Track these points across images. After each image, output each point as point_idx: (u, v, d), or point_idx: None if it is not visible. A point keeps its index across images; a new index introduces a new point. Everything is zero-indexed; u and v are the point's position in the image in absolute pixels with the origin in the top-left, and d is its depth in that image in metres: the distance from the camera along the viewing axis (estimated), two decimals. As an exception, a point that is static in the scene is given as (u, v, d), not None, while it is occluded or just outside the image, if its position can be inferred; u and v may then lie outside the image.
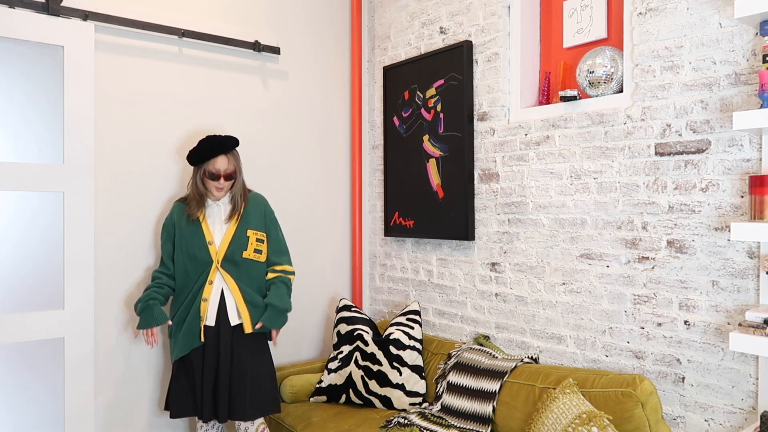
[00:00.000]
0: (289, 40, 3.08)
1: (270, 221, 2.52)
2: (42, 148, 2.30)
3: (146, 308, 2.32)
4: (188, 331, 2.32)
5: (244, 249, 2.39)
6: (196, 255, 2.36)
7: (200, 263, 2.37)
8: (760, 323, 1.65)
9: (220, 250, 2.38)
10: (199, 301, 2.34)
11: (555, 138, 2.37)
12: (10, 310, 2.23)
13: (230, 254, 2.37)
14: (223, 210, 2.44)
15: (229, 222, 2.42)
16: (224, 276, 2.36)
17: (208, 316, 2.35)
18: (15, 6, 2.22)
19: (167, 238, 2.45)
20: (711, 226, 1.91)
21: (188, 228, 2.39)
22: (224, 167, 2.36)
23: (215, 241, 2.39)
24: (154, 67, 2.62)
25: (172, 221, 2.45)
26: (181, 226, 2.41)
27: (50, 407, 2.31)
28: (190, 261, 2.38)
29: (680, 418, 1.98)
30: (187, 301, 2.36)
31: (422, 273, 3.01)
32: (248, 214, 2.46)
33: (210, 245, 2.37)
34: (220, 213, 2.43)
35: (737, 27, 1.84)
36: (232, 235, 2.40)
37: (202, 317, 2.33)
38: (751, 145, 1.82)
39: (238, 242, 2.39)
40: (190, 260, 2.38)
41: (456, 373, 2.45)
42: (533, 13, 2.59)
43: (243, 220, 2.43)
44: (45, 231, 2.31)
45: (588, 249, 2.26)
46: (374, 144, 3.35)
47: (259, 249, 2.44)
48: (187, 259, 2.38)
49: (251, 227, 2.44)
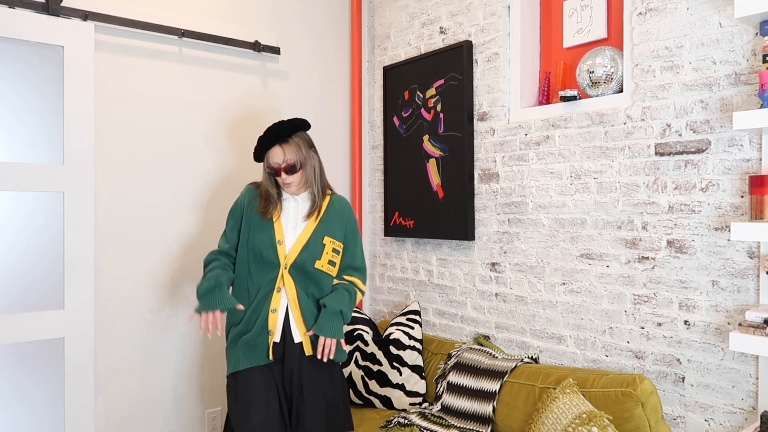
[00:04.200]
0: (289, 40, 3.08)
1: (351, 231, 2.16)
2: (42, 149, 2.30)
3: (211, 289, 1.96)
4: (253, 346, 1.99)
5: (317, 258, 2.03)
6: (262, 253, 2.02)
7: (266, 264, 2.03)
8: (760, 323, 1.65)
9: (291, 253, 2.03)
10: (267, 312, 1.99)
11: (555, 138, 2.37)
12: (10, 310, 2.23)
13: (301, 261, 2.02)
14: (302, 206, 2.11)
15: (307, 221, 2.08)
16: (288, 284, 2.02)
17: (277, 330, 2.01)
18: (15, 6, 2.22)
19: (234, 226, 2.13)
20: (711, 226, 1.91)
21: (258, 222, 2.07)
22: (281, 159, 2.02)
23: (285, 241, 2.05)
24: (154, 67, 2.62)
25: (241, 206, 2.13)
26: (251, 219, 2.09)
27: (50, 407, 2.31)
28: (254, 259, 2.04)
29: (680, 418, 1.98)
30: (251, 310, 2.02)
31: (422, 273, 3.01)
32: (329, 217, 2.11)
33: (279, 245, 2.03)
34: (297, 209, 2.10)
35: (737, 27, 1.84)
36: (308, 239, 2.04)
37: (271, 332, 1.99)
38: (751, 145, 1.82)
39: (313, 249, 2.04)
40: (254, 258, 2.04)
41: (456, 373, 2.45)
42: (533, 13, 2.59)
43: (322, 224, 2.08)
44: (45, 231, 2.31)
45: (588, 249, 2.26)
46: (374, 144, 3.35)
47: (333, 261, 2.08)
48: (251, 255, 2.04)
49: (329, 234, 2.08)
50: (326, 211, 2.11)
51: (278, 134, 2.03)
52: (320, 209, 2.10)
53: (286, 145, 2.04)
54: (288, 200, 2.11)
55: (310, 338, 2.02)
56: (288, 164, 2.03)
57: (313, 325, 2.01)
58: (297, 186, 2.07)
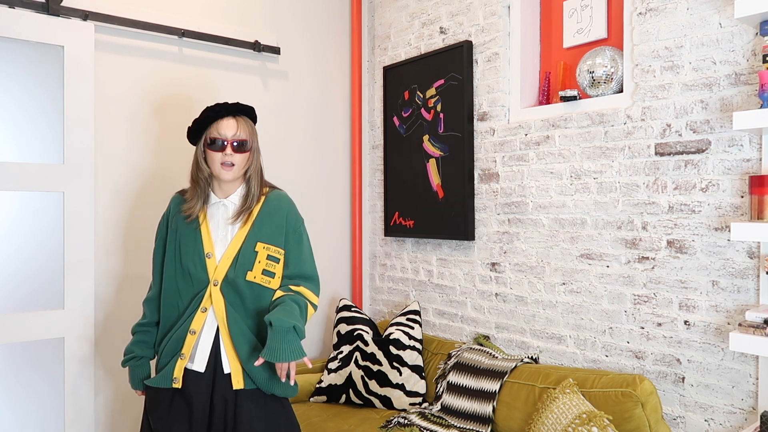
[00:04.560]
0: (289, 40, 3.08)
1: (292, 232, 1.83)
2: (42, 149, 2.30)
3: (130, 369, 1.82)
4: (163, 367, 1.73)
5: (248, 269, 1.73)
6: (190, 270, 1.74)
7: (194, 282, 1.74)
8: (760, 323, 1.65)
9: (221, 266, 1.73)
10: (185, 333, 1.71)
11: (555, 138, 2.37)
12: (10, 310, 2.23)
13: (231, 275, 1.72)
14: (230, 208, 1.80)
15: (236, 224, 1.78)
16: (216, 302, 1.72)
17: (196, 356, 1.70)
18: (15, 6, 2.22)
19: (159, 245, 1.85)
20: (711, 226, 1.91)
21: (184, 230, 1.78)
22: (232, 131, 1.74)
23: (215, 252, 1.76)
24: (154, 67, 2.62)
25: (166, 220, 1.86)
26: (177, 227, 1.79)
27: (50, 407, 2.31)
28: (182, 277, 1.75)
29: (680, 418, 1.98)
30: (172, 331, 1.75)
31: (422, 273, 3.01)
32: (262, 219, 1.79)
33: (208, 258, 1.74)
34: (227, 212, 1.80)
35: (737, 27, 1.84)
36: (239, 248, 1.75)
37: (182, 354, 1.70)
38: (751, 145, 1.82)
39: (244, 259, 1.73)
40: (183, 276, 1.75)
41: (456, 373, 2.45)
42: (533, 13, 2.59)
43: (255, 227, 1.77)
44: (45, 231, 2.31)
45: (588, 249, 2.26)
46: (374, 144, 3.35)
47: (270, 270, 1.76)
48: (180, 273, 1.76)
49: (263, 238, 1.77)
50: (260, 212, 1.80)
51: (233, 108, 1.77)
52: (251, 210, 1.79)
53: (240, 119, 1.77)
54: (216, 205, 1.81)
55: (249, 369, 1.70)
56: (239, 139, 1.74)
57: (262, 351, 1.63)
58: (239, 170, 1.76)
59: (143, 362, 1.83)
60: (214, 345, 1.72)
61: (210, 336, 1.72)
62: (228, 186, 1.81)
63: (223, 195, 1.81)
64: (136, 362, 1.82)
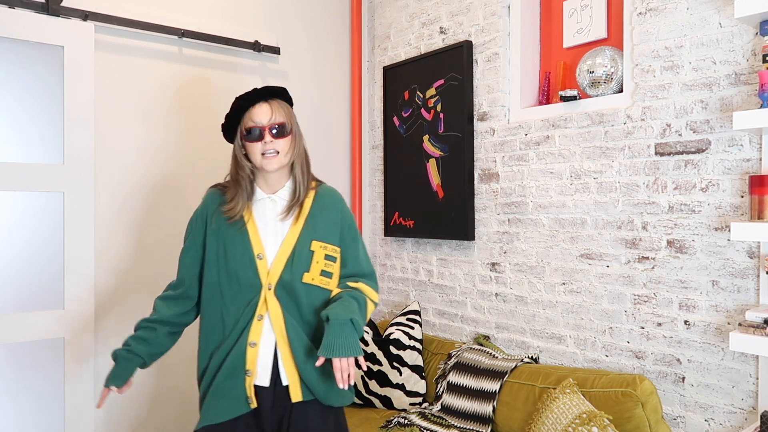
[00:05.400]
0: (288, 41, 3.08)
1: (348, 229, 1.69)
2: (42, 149, 2.30)
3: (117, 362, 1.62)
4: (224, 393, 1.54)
5: (305, 270, 1.58)
6: (239, 274, 1.56)
7: (244, 287, 1.57)
8: (760, 323, 1.65)
9: (274, 269, 1.57)
10: (244, 347, 1.54)
11: (555, 138, 2.37)
12: (10, 310, 2.23)
13: (287, 278, 1.56)
14: (279, 206, 1.63)
15: (287, 220, 1.62)
16: (272, 309, 1.56)
17: (259, 370, 1.55)
18: (15, 6, 2.22)
19: (191, 244, 1.66)
20: (711, 226, 1.91)
21: (227, 231, 1.60)
22: (267, 117, 1.57)
23: (266, 253, 1.59)
24: (154, 68, 2.62)
25: (203, 218, 1.65)
26: (219, 228, 1.61)
27: (50, 407, 2.30)
28: (229, 283, 1.58)
29: (680, 418, 1.98)
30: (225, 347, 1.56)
31: (422, 273, 3.01)
32: (314, 215, 1.64)
33: (259, 260, 1.57)
34: (275, 209, 1.63)
35: (737, 27, 1.84)
36: (293, 247, 1.59)
37: (249, 371, 1.53)
38: (751, 145, 1.82)
39: (300, 259, 1.58)
40: (229, 282, 1.58)
41: (456, 373, 2.45)
42: (533, 13, 2.59)
43: (308, 225, 1.62)
44: (45, 231, 2.31)
45: (588, 249, 2.26)
46: (374, 144, 3.35)
47: (328, 271, 1.62)
48: (225, 279, 1.58)
49: (319, 237, 1.61)
50: (312, 208, 1.65)
51: (263, 92, 1.60)
52: (302, 205, 1.63)
53: (274, 102, 1.60)
54: (263, 201, 1.64)
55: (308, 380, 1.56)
56: (276, 123, 1.58)
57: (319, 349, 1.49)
58: (284, 157, 1.59)
59: (134, 360, 1.62)
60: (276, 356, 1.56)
61: (270, 346, 1.56)
62: (274, 180, 1.64)
63: (270, 190, 1.64)
64: (128, 355, 1.61)
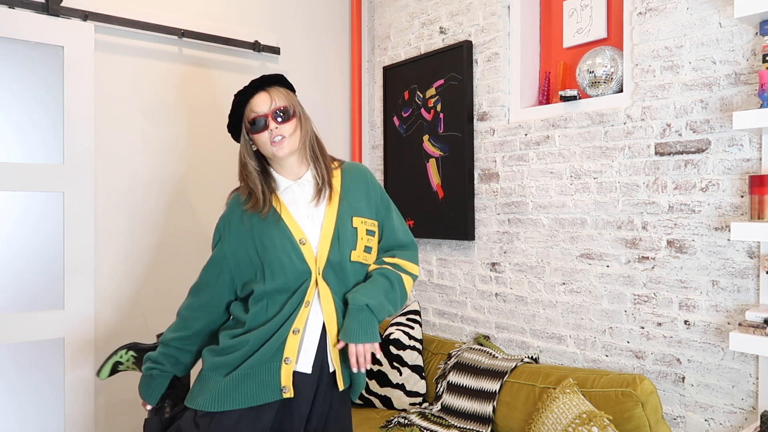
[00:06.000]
0: (288, 41, 3.08)
1: (380, 200, 1.64)
2: (42, 149, 2.30)
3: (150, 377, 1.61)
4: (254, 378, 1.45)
5: (352, 248, 1.52)
6: (283, 263, 1.48)
7: (290, 276, 1.48)
8: (760, 323, 1.65)
9: (320, 252, 1.51)
10: (286, 334, 1.46)
11: (555, 138, 2.37)
12: (10, 310, 2.23)
13: (336, 259, 1.50)
14: (308, 190, 1.57)
15: (321, 203, 1.55)
16: (323, 295, 1.50)
17: (301, 357, 1.48)
18: (15, 6, 2.22)
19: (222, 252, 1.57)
20: (711, 225, 1.91)
21: (261, 225, 1.52)
22: (267, 104, 1.53)
23: (309, 238, 1.52)
24: (154, 67, 2.62)
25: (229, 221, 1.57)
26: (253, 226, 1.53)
27: (50, 407, 2.31)
28: (273, 276, 1.49)
29: (680, 417, 1.98)
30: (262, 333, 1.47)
31: (422, 273, 3.01)
32: (347, 191, 1.59)
33: (302, 245, 1.50)
34: (304, 194, 1.57)
35: (737, 27, 1.84)
36: (334, 225, 1.53)
37: (286, 358, 1.45)
38: (751, 144, 1.82)
39: (345, 237, 1.52)
40: (273, 274, 1.49)
41: (456, 373, 2.45)
42: (533, 13, 2.59)
43: (344, 202, 1.57)
44: (45, 231, 2.31)
45: (588, 249, 2.26)
46: (374, 144, 3.35)
47: (369, 246, 1.57)
48: (269, 272, 1.49)
49: (357, 213, 1.57)
50: (343, 185, 1.60)
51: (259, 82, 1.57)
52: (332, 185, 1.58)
53: (272, 90, 1.56)
54: (290, 188, 1.58)
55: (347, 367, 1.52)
56: (278, 107, 1.53)
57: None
58: (293, 141, 1.53)
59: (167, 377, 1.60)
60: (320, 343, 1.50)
61: (316, 333, 1.50)
62: (293, 165, 1.58)
63: (293, 176, 1.58)
64: (161, 373, 1.59)
